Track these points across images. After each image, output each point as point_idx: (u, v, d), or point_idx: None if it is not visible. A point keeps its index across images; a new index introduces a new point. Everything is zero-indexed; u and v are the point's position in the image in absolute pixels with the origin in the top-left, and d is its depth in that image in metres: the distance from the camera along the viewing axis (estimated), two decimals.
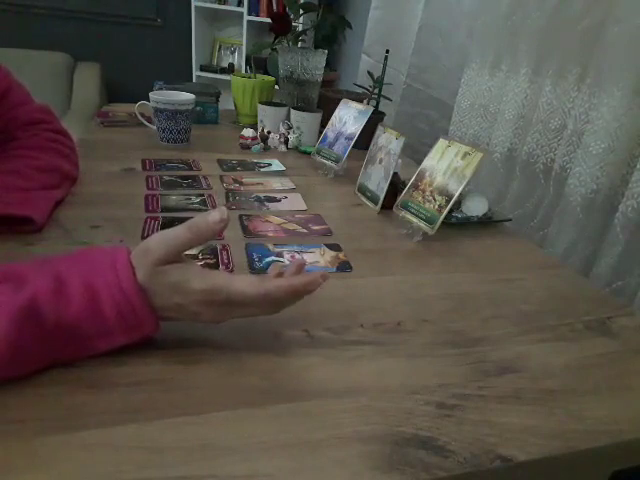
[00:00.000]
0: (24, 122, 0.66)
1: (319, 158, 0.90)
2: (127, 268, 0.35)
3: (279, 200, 0.75)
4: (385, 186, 0.73)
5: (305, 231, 0.65)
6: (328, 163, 0.88)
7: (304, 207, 0.74)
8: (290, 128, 1.04)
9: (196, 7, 2.67)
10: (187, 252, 0.39)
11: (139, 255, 0.36)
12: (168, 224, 0.60)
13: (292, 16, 1.16)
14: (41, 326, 0.33)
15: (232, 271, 0.53)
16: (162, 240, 0.36)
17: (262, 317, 0.44)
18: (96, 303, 0.34)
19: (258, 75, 1.23)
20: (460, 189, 0.61)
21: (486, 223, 0.75)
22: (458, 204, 0.74)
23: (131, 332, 0.36)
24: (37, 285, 0.33)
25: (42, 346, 0.33)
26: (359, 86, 1.22)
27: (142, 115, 1.01)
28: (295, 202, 0.75)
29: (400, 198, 0.69)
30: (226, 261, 0.54)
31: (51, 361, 0.35)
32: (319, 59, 1.09)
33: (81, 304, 0.34)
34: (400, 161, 0.72)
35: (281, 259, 0.56)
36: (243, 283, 0.37)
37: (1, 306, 0.32)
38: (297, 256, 0.58)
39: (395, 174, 0.73)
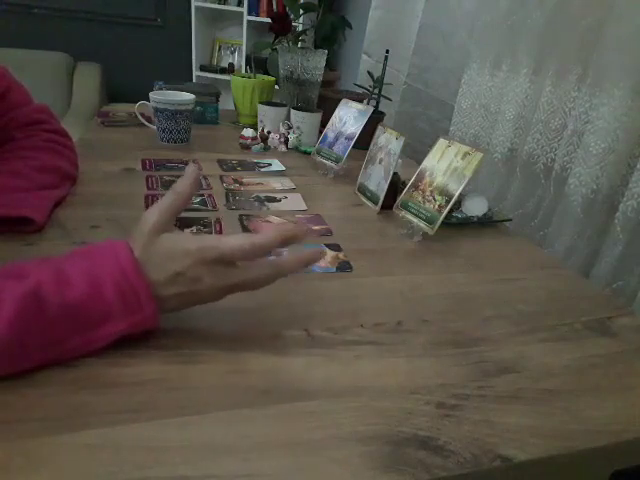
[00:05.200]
0: (23, 122, 0.66)
1: (319, 158, 0.90)
2: (125, 249, 0.37)
3: (279, 200, 0.75)
4: (385, 186, 0.73)
5: None
6: (328, 163, 0.88)
7: (304, 207, 0.74)
8: (290, 128, 1.04)
9: (196, 7, 2.68)
10: None
11: (134, 236, 0.38)
12: None
13: (292, 16, 1.16)
14: (44, 312, 0.33)
15: None
16: (153, 208, 0.39)
17: (262, 317, 0.45)
18: (97, 285, 0.35)
19: (258, 75, 1.23)
20: (460, 189, 0.61)
21: (486, 223, 0.75)
22: (458, 204, 0.74)
23: (132, 314, 0.36)
24: (40, 275, 0.34)
25: (44, 335, 0.34)
26: (359, 86, 1.22)
27: (142, 115, 1.01)
28: (295, 202, 0.75)
29: (400, 198, 0.69)
30: None
31: (53, 356, 0.35)
32: (319, 59, 1.09)
33: (83, 287, 0.35)
34: (400, 161, 0.72)
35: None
36: (231, 237, 0.38)
37: (5, 293, 0.33)
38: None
39: (395, 174, 0.73)
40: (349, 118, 0.87)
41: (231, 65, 2.96)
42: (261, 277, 0.40)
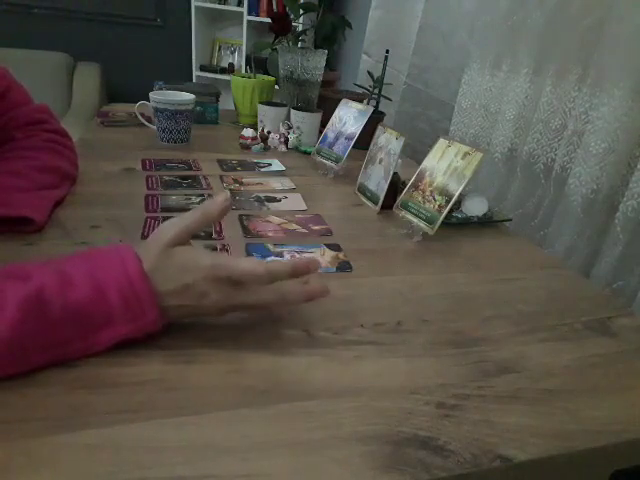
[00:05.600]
0: (23, 122, 0.66)
1: (319, 158, 0.90)
2: (132, 257, 0.37)
3: (279, 200, 0.75)
4: (385, 186, 0.73)
5: (305, 231, 0.65)
6: (328, 163, 0.88)
7: (304, 207, 0.74)
8: (290, 128, 1.04)
9: (196, 7, 2.68)
10: None
11: (149, 243, 0.38)
12: None
13: (292, 16, 1.16)
14: (46, 315, 0.33)
15: None
16: (173, 222, 0.39)
17: (262, 316, 0.45)
18: (101, 289, 0.35)
19: (258, 75, 1.23)
20: (460, 189, 0.61)
21: (486, 223, 0.75)
22: (458, 204, 0.74)
23: (134, 321, 0.36)
24: (43, 277, 0.34)
25: (46, 337, 0.34)
26: (359, 86, 1.22)
27: (142, 115, 1.01)
28: (295, 202, 0.75)
29: (400, 198, 0.69)
30: None
31: (54, 358, 0.35)
32: (319, 59, 1.09)
33: (86, 290, 0.35)
34: (400, 161, 0.72)
35: (281, 259, 0.56)
36: (245, 260, 0.39)
37: (8, 295, 0.33)
38: (297, 256, 0.58)
39: (395, 174, 0.73)
40: (349, 118, 0.87)
41: (231, 65, 2.96)
42: (266, 302, 0.41)
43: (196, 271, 0.37)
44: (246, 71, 2.57)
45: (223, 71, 2.87)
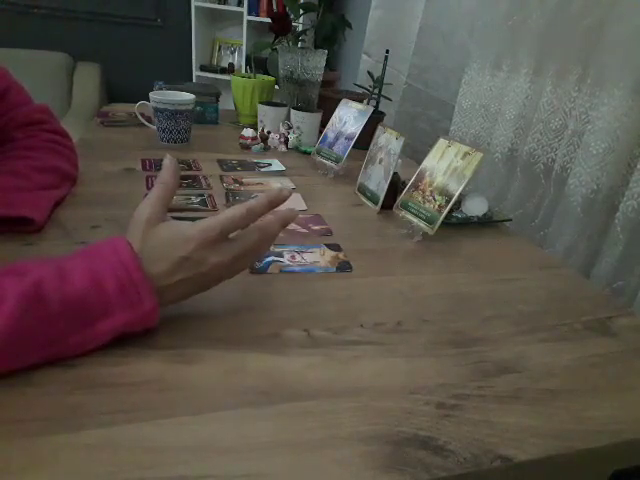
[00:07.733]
0: (23, 122, 0.66)
1: (319, 158, 0.90)
2: (124, 244, 0.37)
3: None
4: (385, 186, 0.73)
5: (305, 231, 0.65)
6: (328, 163, 0.88)
7: (304, 207, 0.74)
8: (290, 128, 1.04)
9: (196, 7, 2.68)
10: None
11: (131, 230, 0.39)
12: None
13: (292, 16, 1.16)
14: (45, 308, 0.33)
15: None
16: (143, 203, 0.40)
17: (262, 317, 0.45)
18: (98, 280, 0.35)
19: (258, 75, 1.23)
20: (460, 189, 0.61)
21: (486, 223, 0.75)
22: (458, 204, 0.74)
23: (131, 307, 0.36)
24: (41, 272, 0.35)
25: (45, 330, 0.34)
26: (359, 86, 1.22)
27: (142, 115, 1.01)
28: (295, 202, 0.75)
29: (400, 198, 0.69)
30: None
31: (53, 354, 0.35)
32: (319, 59, 1.09)
33: (83, 282, 0.35)
34: (400, 161, 0.72)
35: (281, 259, 0.56)
36: (223, 212, 0.40)
37: (7, 292, 0.33)
38: (297, 256, 0.58)
39: (395, 174, 0.73)
40: (349, 118, 0.87)
41: (231, 65, 2.96)
42: (253, 243, 0.41)
43: (187, 242, 0.38)
44: (246, 71, 2.57)
45: (223, 71, 2.87)
